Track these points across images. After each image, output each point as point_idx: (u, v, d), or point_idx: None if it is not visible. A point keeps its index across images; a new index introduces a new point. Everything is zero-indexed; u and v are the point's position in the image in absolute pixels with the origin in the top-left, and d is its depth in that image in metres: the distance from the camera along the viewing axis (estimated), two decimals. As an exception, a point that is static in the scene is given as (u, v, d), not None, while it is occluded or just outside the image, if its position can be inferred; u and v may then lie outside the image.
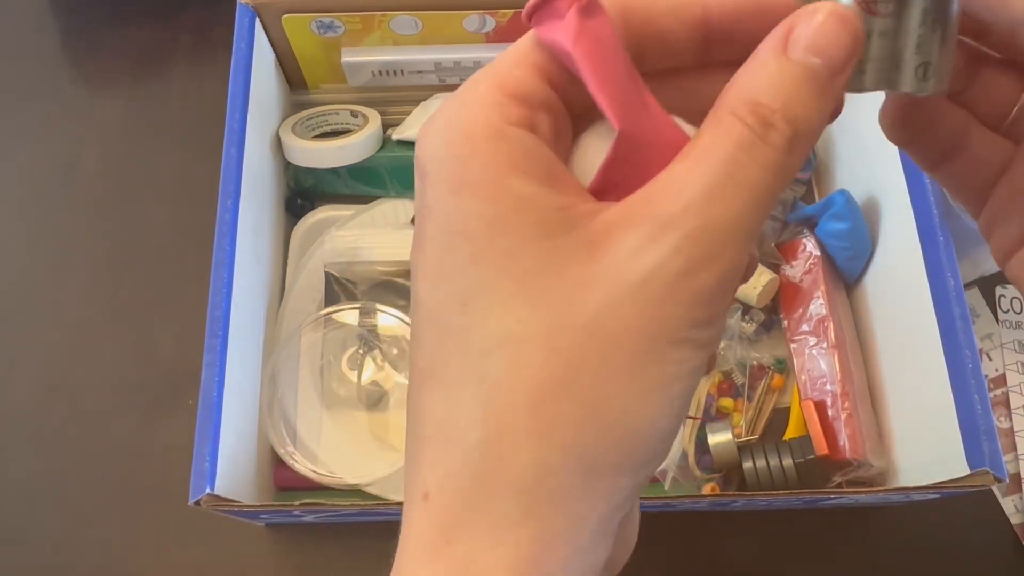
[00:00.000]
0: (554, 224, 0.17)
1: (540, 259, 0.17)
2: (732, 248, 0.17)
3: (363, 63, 0.58)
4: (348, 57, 0.58)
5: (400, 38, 0.57)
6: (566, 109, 0.20)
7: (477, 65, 0.58)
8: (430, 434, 0.19)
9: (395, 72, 0.59)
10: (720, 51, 0.20)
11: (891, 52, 0.20)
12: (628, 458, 0.18)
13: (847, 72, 0.19)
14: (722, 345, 0.57)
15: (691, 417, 0.55)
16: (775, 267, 0.59)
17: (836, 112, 0.20)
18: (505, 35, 0.57)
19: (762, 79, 0.18)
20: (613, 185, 0.18)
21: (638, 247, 0.17)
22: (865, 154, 0.58)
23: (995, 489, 0.57)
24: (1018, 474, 0.57)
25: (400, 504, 0.21)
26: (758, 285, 0.57)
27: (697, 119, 0.19)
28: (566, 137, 0.20)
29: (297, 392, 0.54)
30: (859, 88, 0.21)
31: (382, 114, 0.60)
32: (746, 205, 0.17)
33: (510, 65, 0.19)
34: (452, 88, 0.60)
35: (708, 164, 0.18)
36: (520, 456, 0.17)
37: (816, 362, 0.56)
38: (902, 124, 0.25)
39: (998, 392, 0.59)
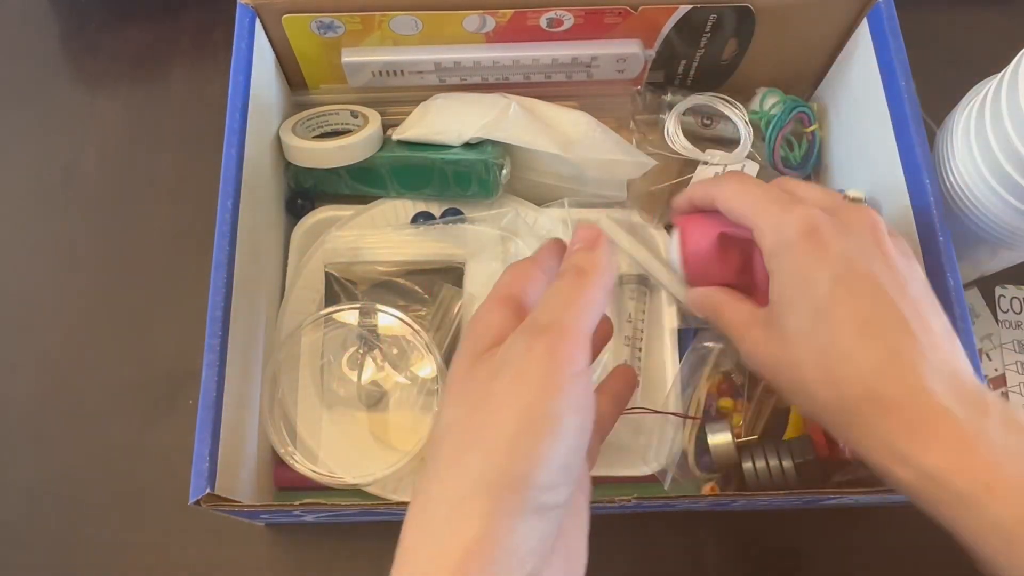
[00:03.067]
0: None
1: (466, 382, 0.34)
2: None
3: (363, 63, 0.58)
4: (348, 57, 0.58)
5: (400, 38, 0.57)
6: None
7: (477, 65, 0.58)
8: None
9: (395, 72, 0.59)
10: None
11: None
12: (528, 477, 0.30)
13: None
14: (721, 345, 0.57)
15: (691, 417, 0.55)
16: (775, 267, 0.59)
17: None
18: (505, 35, 0.57)
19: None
20: None
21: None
22: (865, 154, 0.58)
23: (995, 489, 0.57)
24: (1018, 474, 0.57)
25: (400, 504, 0.26)
26: (758, 285, 0.57)
27: None
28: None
29: (297, 392, 0.54)
30: None
31: (382, 114, 0.60)
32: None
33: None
34: (452, 88, 0.60)
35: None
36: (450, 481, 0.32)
37: (816, 362, 0.56)
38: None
39: (998, 392, 0.60)
